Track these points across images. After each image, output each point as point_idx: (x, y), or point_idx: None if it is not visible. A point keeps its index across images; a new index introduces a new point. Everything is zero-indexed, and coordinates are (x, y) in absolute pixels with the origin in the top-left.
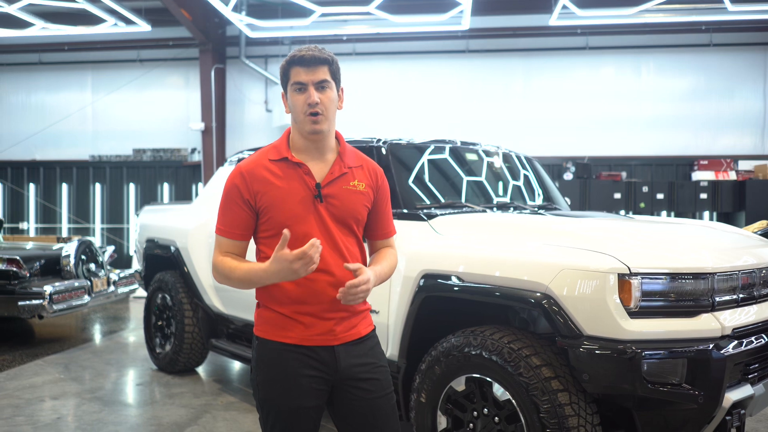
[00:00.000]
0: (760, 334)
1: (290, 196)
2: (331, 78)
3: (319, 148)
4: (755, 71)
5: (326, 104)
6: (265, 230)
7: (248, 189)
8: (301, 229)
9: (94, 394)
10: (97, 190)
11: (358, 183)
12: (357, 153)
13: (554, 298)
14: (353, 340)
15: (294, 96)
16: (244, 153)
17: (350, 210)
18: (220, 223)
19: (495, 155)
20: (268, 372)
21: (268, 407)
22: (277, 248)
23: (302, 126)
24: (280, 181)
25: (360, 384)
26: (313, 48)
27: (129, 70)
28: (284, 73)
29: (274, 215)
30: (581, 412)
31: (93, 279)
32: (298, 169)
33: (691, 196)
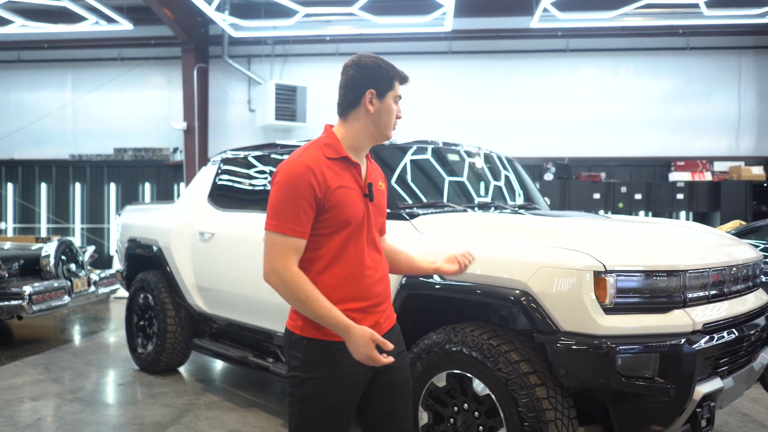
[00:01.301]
0: (729, 330)
1: (351, 195)
2: None
3: (366, 150)
4: (730, 75)
5: None
6: (323, 228)
7: (320, 187)
8: (357, 227)
9: (75, 395)
10: (77, 189)
11: (381, 183)
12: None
13: (532, 296)
14: (390, 329)
15: (393, 105)
16: (227, 153)
17: (381, 208)
18: (288, 221)
19: (476, 156)
20: (318, 370)
21: (311, 404)
22: (378, 338)
23: (387, 131)
24: (344, 180)
25: (387, 374)
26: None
27: (110, 68)
28: (389, 81)
29: (337, 213)
30: (558, 406)
31: (73, 279)
32: (352, 169)
33: (668, 197)
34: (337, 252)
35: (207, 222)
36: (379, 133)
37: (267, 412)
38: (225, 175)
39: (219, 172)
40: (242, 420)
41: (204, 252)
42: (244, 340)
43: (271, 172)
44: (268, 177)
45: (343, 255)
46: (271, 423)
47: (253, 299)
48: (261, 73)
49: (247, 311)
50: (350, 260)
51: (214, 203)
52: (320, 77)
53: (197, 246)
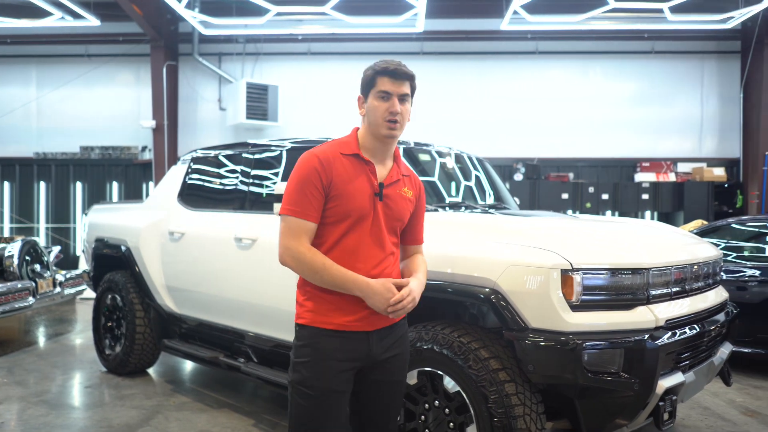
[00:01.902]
0: (691, 325)
1: (358, 189)
2: (410, 93)
3: (385, 151)
4: (693, 78)
5: (404, 115)
6: (328, 216)
7: (326, 174)
8: (360, 221)
9: (40, 398)
10: (42, 188)
11: (407, 190)
12: (405, 164)
13: (502, 294)
14: (387, 327)
15: (378, 102)
16: (197, 152)
17: (400, 213)
18: (295, 205)
19: (447, 156)
20: (306, 355)
21: (301, 389)
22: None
23: (379, 129)
24: (351, 174)
25: (384, 370)
26: (400, 63)
27: (76, 65)
28: (370, 80)
29: (340, 204)
30: (527, 402)
31: (38, 280)
32: (365, 167)
33: (634, 197)
34: (335, 241)
35: (177, 221)
36: (375, 131)
37: (238, 412)
38: (195, 174)
39: (189, 171)
40: (213, 421)
41: (174, 252)
42: (214, 340)
43: (242, 171)
44: (239, 176)
45: (340, 245)
46: (242, 423)
47: (225, 299)
48: (232, 71)
49: (218, 311)
50: (345, 251)
51: (185, 203)
52: (292, 76)
53: (167, 246)
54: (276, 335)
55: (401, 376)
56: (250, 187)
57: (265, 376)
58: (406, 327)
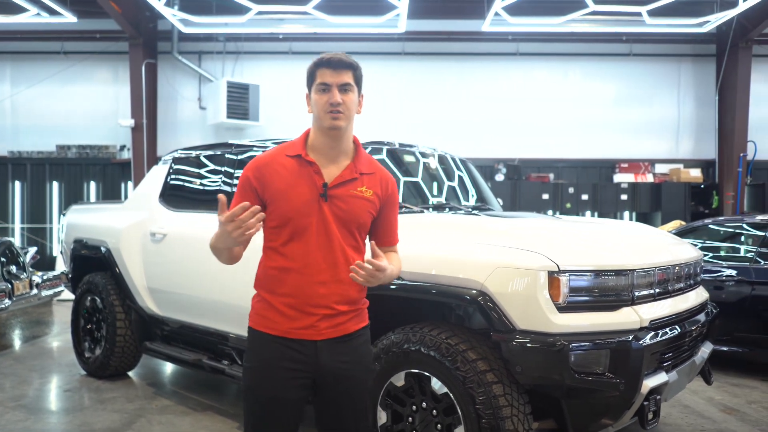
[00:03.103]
0: (673, 326)
1: (296, 190)
2: (354, 83)
3: (334, 147)
4: (670, 81)
5: (348, 105)
6: (270, 220)
7: (257, 179)
8: (301, 224)
9: (18, 402)
10: (17, 188)
11: (365, 190)
12: (372, 161)
13: (489, 295)
14: (338, 337)
15: (318, 95)
16: (177, 152)
17: (353, 214)
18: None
19: (431, 157)
20: (252, 360)
21: (250, 395)
22: (219, 210)
23: (322, 122)
24: (290, 176)
25: (339, 381)
26: (340, 53)
27: (52, 62)
28: (311, 74)
29: (278, 207)
30: (514, 403)
31: (14, 282)
32: (308, 168)
33: (613, 197)
34: (281, 246)
35: (159, 222)
36: (319, 125)
37: (222, 415)
38: (177, 174)
39: (171, 172)
40: (197, 424)
41: (156, 253)
42: (197, 342)
43: (224, 171)
44: (221, 176)
45: (285, 250)
46: (227, 426)
47: (207, 300)
48: (212, 70)
49: (201, 313)
50: (292, 256)
51: (166, 203)
52: (273, 76)
53: (148, 247)
54: None
55: (359, 389)
56: (233, 188)
57: None
58: (366, 335)
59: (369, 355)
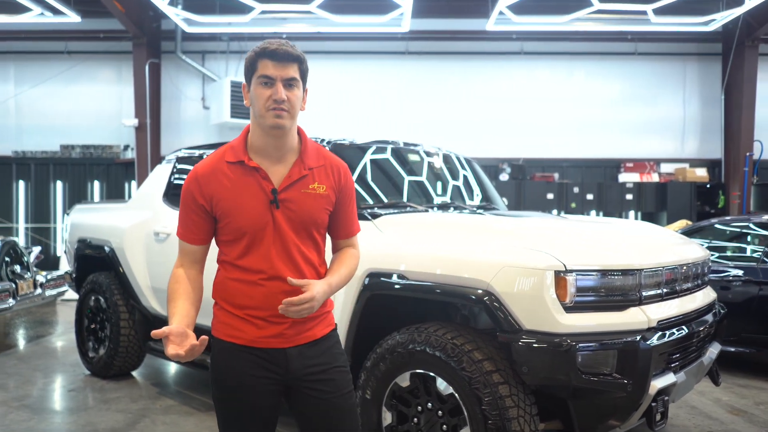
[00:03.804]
0: (681, 326)
1: (246, 202)
2: (299, 77)
3: (279, 146)
4: (676, 80)
5: (293, 102)
6: (223, 234)
7: (202, 194)
8: (257, 236)
9: (22, 402)
10: (21, 187)
11: (318, 186)
12: (320, 151)
13: (495, 295)
14: (308, 342)
15: (259, 89)
16: (181, 151)
17: (308, 215)
18: (180, 226)
19: (435, 156)
20: (220, 371)
21: (220, 405)
22: (167, 334)
23: (264, 120)
24: (236, 187)
25: (315, 385)
26: (285, 43)
27: (56, 62)
28: (251, 64)
29: (230, 221)
30: (521, 403)
31: (18, 281)
32: (255, 174)
33: (618, 197)
34: (238, 259)
35: (162, 222)
36: (261, 123)
37: None
38: (180, 174)
39: (174, 171)
40: (201, 424)
41: (159, 252)
42: None
43: None
44: None
45: (244, 261)
46: None
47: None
48: (216, 69)
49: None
50: (253, 268)
51: (170, 203)
52: None
53: (152, 246)
54: None
55: (339, 391)
56: None
57: None
58: (334, 338)
59: (342, 356)
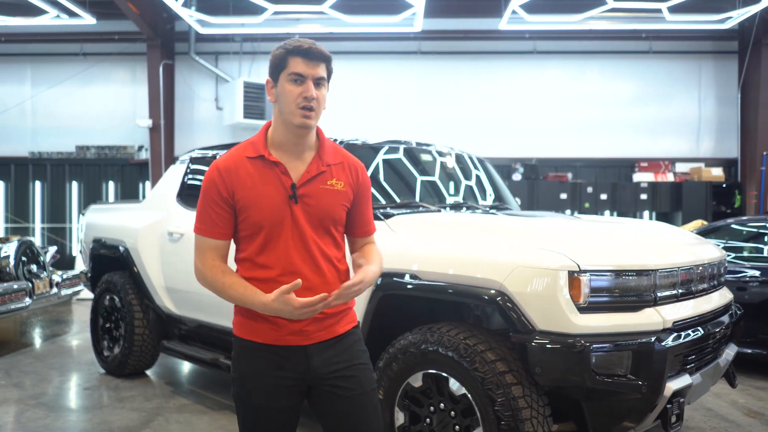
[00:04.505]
0: (696, 327)
1: (266, 196)
2: (326, 77)
3: (300, 144)
4: (691, 78)
5: (320, 101)
6: (242, 229)
7: (226, 187)
8: (275, 231)
9: (38, 400)
10: (37, 188)
11: (336, 182)
12: (337, 149)
13: (508, 295)
14: (328, 339)
15: (289, 86)
16: (194, 152)
17: (326, 210)
18: (199, 221)
19: (448, 156)
20: (240, 370)
21: (241, 405)
22: (283, 290)
23: (291, 118)
24: (257, 181)
25: (337, 382)
26: (313, 43)
27: (72, 63)
28: (280, 60)
29: (250, 215)
30: (534, 405)
31: (34, 281)
32: (275, 168)
33: (632, 197)
34: (257, 255)
35: (176, 222)
36: (287, 120)
37: None
38: (194, 174)
39: (188, 172)
40: (214, 423)
41: (173, 252)
42: (214, 341)
43: None
44: None
45: (263, 259)
46: None
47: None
48: (229, 70)
49: (218, 312)
50: (270, 264)
51: (184, 203)
52: None
53: (166, 246)
54: None
55: (362, 388)
56: None
57: None
58: (357, 335)
59: (364, 354)
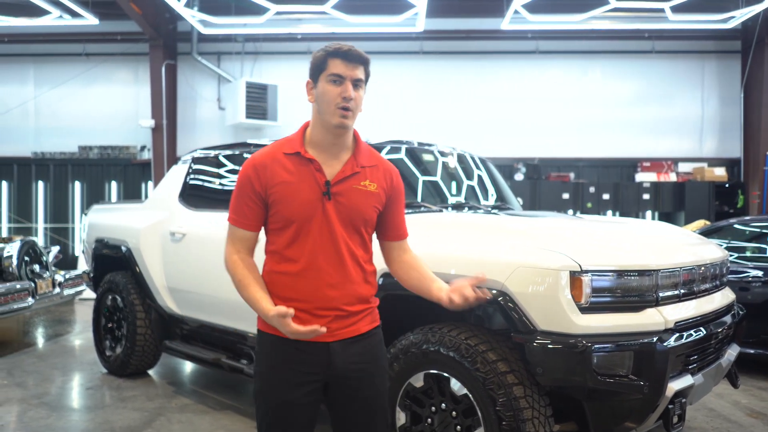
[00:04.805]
0: (698, 327)
1: (299, 192)
2: (364, 79)
3: (337, 144)
4: (693, 78)
5: (357, 102)
6: (273, 222)
7: (259, 181)
8: (305, 225)
9: (41, 400)
10: (40, 188)
11: (369, 183)
12: (372, 152)
13: (510, 295)
14: (351, 337)
15: (328, 86)
16: (196, 152)
17: (358, 210)
18: (233, 212)
19: (450, 156)
20: (262, 363)
21: (260, 398)
22: (280, 313)
23: (330, 118)
24: (291, 176)
25: (353, 383)
26: (352, 46)
27: (74, 64)
28: (321, 62)
29: (281, 209)
30: (535, 405)
31: (37, 280)
32: (309, 165)
33: (634, 197)
34: (286, 248)
35: (178, 222)
36: (324, 120)
37: (240, 414)
38: (196, 174)
39: (190, 172)
40: (216, 423)
41: (175, 252)
42: (216, 341)
43: None
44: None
45: (290, 251)
46: (245, 425)
47: (226, 300)
48: (231, 70)
49: (220, 312)
50: (298, 258)
51: (186, 203)
52: (291, 76)
53: (168, 246)
54: None
55: (376, 390)
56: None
57: None
58: (378, 335)
59: (384, 355)
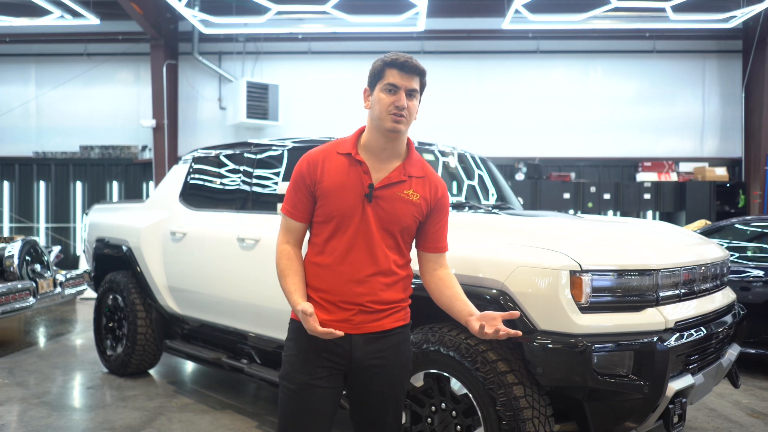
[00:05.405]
0: (699, 327)
1: (343, 190)
2: (419, 89)
3: (388, 149)
4: (695, 78)
5: (411, 110)
6: (317, 215)
7: (310, 175)
8: (344, 223)
9: (41, 399)
10: (42, 188)
11: (413, 193)
12: (423, 164)
13: (510, 295)
14: (374, 333)
15: (383, 95)
16: (198, 151)
17: (396, 216)
18: (286, 203)
19: (450, 155)
20: (290, 349)
21: (284, 382)
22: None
23: (382, 122)
24: (339, 174)
25: (372, 378)
26: (410, 57)
27: (76, 64)
28: (379, 71)
29: (325, 204)
30: (535, 405)
31: (38, 280)
32: (358, 167)
33: (635, 196)
34: (324, 241)
35: (179, 221)
36: (377, 125)
37: (241, 413)
38: (197, 174)
39: (191, 171)
40: (216, 422)
41: (176, 252)
42: (217, 341)
43: (244, 170)
44: (241, 176)
45: (327, 245)
46: (246, 424)
47: (226, 300)
48: (232, 70)
49: (221, 312)
50: (332, 252)
51: (186, 202)
52: (292, 75)
53: (169, 246)
54: (279, 336)
55: (392, 387)
56: (253, 187)
57: (267, 378)
58: (404, 333)
59: (407, 354)
